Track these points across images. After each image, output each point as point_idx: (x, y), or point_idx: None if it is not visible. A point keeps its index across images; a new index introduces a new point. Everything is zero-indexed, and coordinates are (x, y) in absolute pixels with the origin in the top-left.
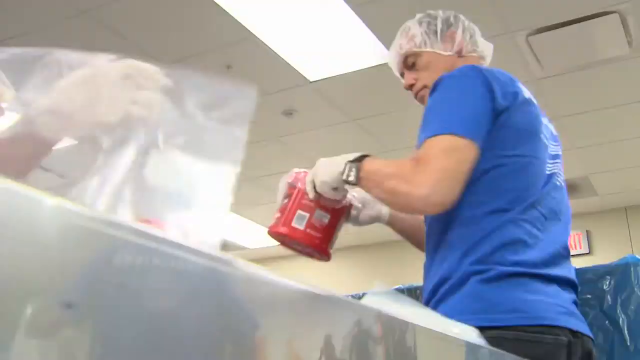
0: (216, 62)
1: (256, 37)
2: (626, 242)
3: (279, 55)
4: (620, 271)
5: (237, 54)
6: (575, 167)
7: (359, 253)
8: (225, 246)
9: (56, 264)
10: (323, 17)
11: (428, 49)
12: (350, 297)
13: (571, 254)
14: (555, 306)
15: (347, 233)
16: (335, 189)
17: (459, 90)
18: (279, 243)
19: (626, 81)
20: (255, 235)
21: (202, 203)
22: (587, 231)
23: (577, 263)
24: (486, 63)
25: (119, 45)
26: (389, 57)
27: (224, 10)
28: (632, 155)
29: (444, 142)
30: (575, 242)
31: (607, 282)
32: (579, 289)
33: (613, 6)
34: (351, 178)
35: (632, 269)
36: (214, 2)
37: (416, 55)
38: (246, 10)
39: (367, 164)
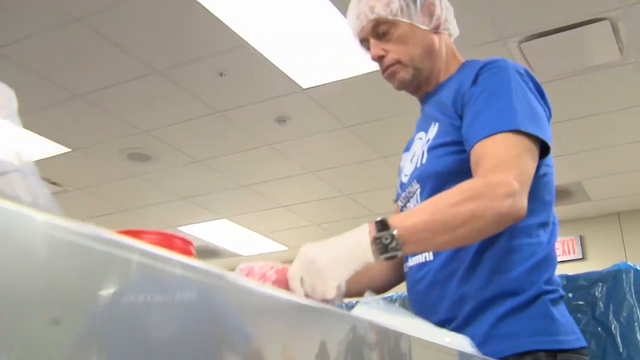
0: (209, 70)
1: (249, 44)
2: (619, 247)
3: (272, 63)
4: (612, 278)
5: (230, 62)
6: (568, 172)
7: None
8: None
9: (45, 279)
10: (316, 24)
11: (405, 20)
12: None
13: (565, 259)
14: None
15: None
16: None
17: (527, 87)
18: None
19: (618, 87)
20: (249, 242)
21: None
22: (580, 236)
23: (570, 268)
24: (452, 38)
25: (112, 52)
26: (350, 16)
27: (217, 18)
28: (625, 161)
29: (525, 142)
30: (569, 247)
31: (599, 289)
32: (571, 295)
33: (604, 13)
34: (393, 245)
35: (623, 275)
36: (207, 9)
37: (391, 24)
38: (239, 18)
39: (402, 221)
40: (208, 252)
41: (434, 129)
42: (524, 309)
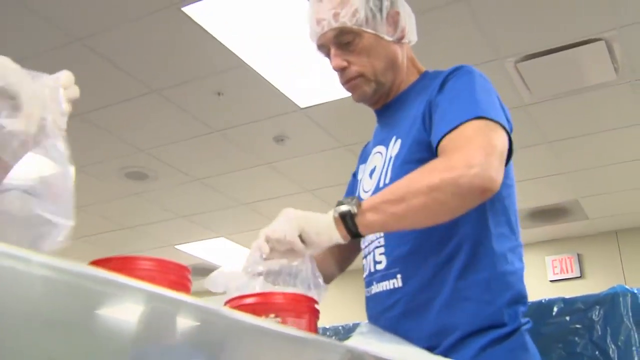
0: (207, 89)
1: (247, 64)
2: (617, 266)
3: (270, 83)
4: (609, 301)
5: (228, 81)
6: (566, 190)
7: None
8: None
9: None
10: (313, 44)
11: (370, 30)
12: (340, 327)
13: (563, 277)
14: None
15: None
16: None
17: (492, 91)
18: None
19: (613, 106)
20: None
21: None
22: (578, 255)
23: (569, 286)
24: (411, 44)
25: (111, 71)
26: (310, 18)
27: (215, 38)
28: (622, 179)
29: (489, 124)
30: (567, 265)
31: (597, 312)
32: (569, 318)
33: (599, 34)
34: (349, 207)
35: (621, 298)
36: (205, 30)
37: (355, 34)
38: (237, 38)
39: (366, 200)
40: (206, 271)
41: (395, 145)
42: (504, 340)
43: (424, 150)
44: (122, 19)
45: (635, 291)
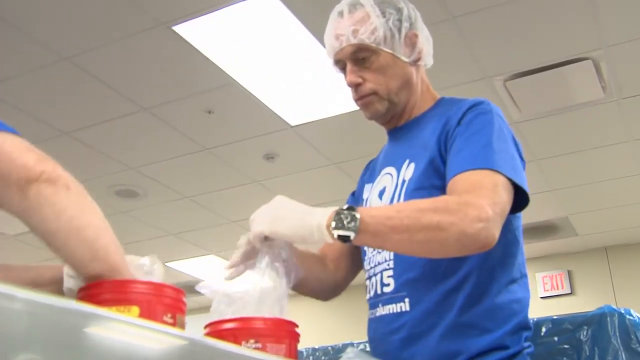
0: (198, 107)
1: (237, 82)
2: (607, 282)
3: (260, 101)
4: (596, 321)
5: (219, 99)
6: (555, 207)
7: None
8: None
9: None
10: (303, 62)
11: (387, 49)
12: (330, 347)
13: (554, 294)
14: None
15: None
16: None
17: (508, 134)
18: None
19: (601, 124)
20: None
21: None
22: (568, 271)
23: (559, 303)
24: (427, 67)
25: (101, 90)
26: (329, 33)
27: (205, 56)
28: (610, 196)
29: (502, 179)
30: (557, 282)
31: (585, 332)
32: (557, 338)
33: (586, 53)
34: (350, 226)
35: (608, 319)
36: (195, 48)
37: (372, 52)
38: (227, 56)
39: (367, 211)
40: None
41: (409, 169)
42: None
43: (437, 178)
44: (111, 38)
45: (623, 311)
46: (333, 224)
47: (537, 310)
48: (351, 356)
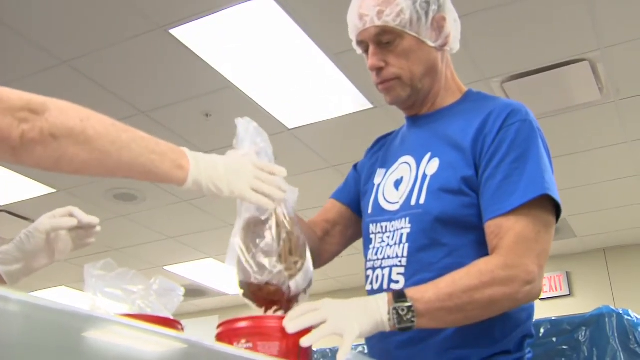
0: (195, 111)
1: (234, 85)
2: (606, 283)
3: (257, 104)
4: (595, 322)
5: (216, 103)
6: None
7: (338, 298)
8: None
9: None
10: (301, 65)
11: (413, 33)
12: (328, 350)
13: (552, 295)
14: None
15: (327, 277)
16: None
17: (545, 150)
18: None
19: (599, 125)
20: (236, 281)
21: None
22: (567, 273)
23: (558, 304)
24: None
25: (98, 93)
26: (353, 12)
27: (202, 59)
28: (608, 198)
29: (545, 217)
30: (556, 283)
31: (583, 333)
32: (555, 339)
33: (583, 54)
34: (408, 317)
35: (606, 319)
36: (192, 51)
37: (397, 35)
38: (224, 59)
39: (417, 294)
40: (194, 292)
41: (432, 164)
42: None
43: (465, 185)
44: (109, 41)
45: (621, 312)
46: (394, 320)
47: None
48: (350, 358)
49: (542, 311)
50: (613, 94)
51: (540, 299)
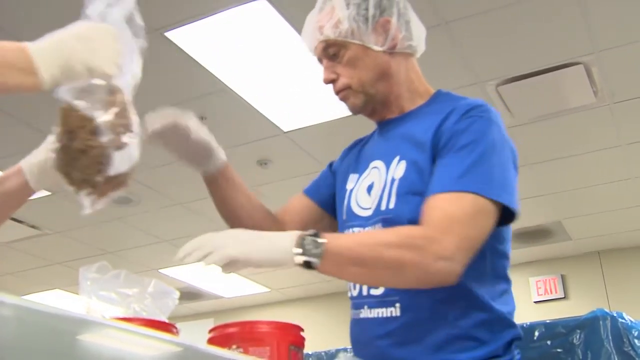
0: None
1: (230, 88)
2: (601, 286)
3: (253, 107)
4: (589, 325)
5: (212, 105)
6: (548, 212)
7: (333, 301)
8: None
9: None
10: (296, 68)
11: (356, 41)
12: (323, 353)
13: (547, 298)
14: None
15: (322, 280)
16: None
17: (505, 144)
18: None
19: (594, 129)
20: (231, 284)
21: None
22: (562, 275)
23: (553, 307)
24: (418, 55)
25: None
26: (304, 33)
27: (198, 62)
28: (603, 201)
29: (483, 206)
30: (551, 286)
31: (577, 336)
32: (550, 342)
33: (578, 58)
34: (314, 252)
35: (601, 322)
36: (188, 54)
37: (340, 45)
38: (220, 62)
39: (331, 237)
40: (189, 295)
41: (399, 167)
42: None
43: (427, 182)
44: None
45: (615, 314)
46: (299, 250)
47: (530, 314)
48: None
49: (537, 314)
50: (608, 97)
51: (534, 302)
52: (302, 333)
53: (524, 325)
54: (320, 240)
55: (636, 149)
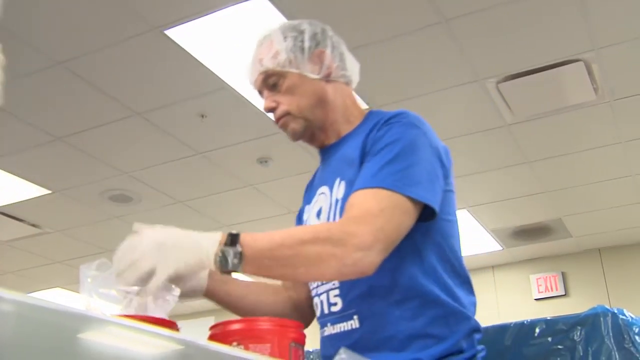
0: (190, 111)
1: (230, 86)
2: (601, 283)
3: (252, 104)
4: (590, 322)
5: (211, 103)
6: (548, 209)
7: None
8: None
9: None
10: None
11: (293, 70)
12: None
13: (548, 296)
14: None
15: None
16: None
17: (425, 143)
18: None
19: (594, 126)
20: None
21: None
22: (562, 273)
23: (554, 305)
24: (353, 86)
25: (93, 95)
26: (246, 68)
27: (198, 60)
28: (603, 198)
29: (400, 202)
30: (552, 283)
31: (578, 333)
32: (550, 339)
33: (578, 55)
34: (234, 262)
35: (601, 319)
36: (188, 52)
37: (279, 75)
38: (220, 60)
39: (250, 240)
40: None
41: (340, 187)
42: None
43: None
44: (104, 42)
45: (616, 311)
46: (218, 262)
47: (531, 312)
48: (344, 357)
49: (538, 311)
50: (608, 94)
51: (535, 299)
52: (302, 330)
53: (525, 322)
54: (239, 250)
55: (636, 146)
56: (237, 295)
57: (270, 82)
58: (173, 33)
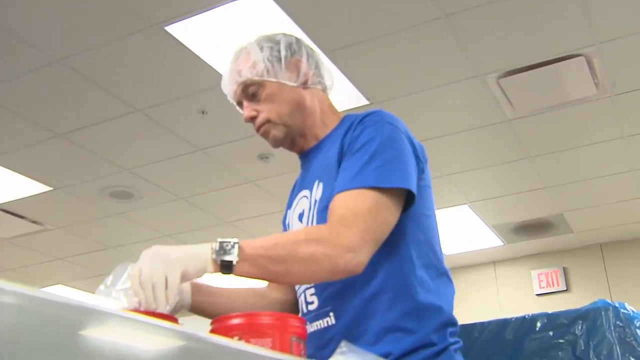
0: (191, 108)
1: None
2: (603, 278)
3: None
4: (591, 316)
5: (212, 100)
6: (550, 204)
7: None
8: None
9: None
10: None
11: (272, 79)
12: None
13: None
14: None
15: None
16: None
17: (398, 136)
18: None
19: (595, 121)
20: (231, 280)
21: None
22: (564, 268)
23: (555, 300)
24: (330, 92)
25: (94, 91)
26: (223, 81)
27: (198, 56)
28: (604, 193)
29: (382, 199)
30: (553, 279)
31: (579, 327)
32: (552, 333)
33: (579, 49)
34: (231, 257)
35: (602, 313)
36: (188, 48)
37: (258, 85)
38: (220, 56)
39: (244, 241)
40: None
41: (319, 189)
42: (434, 358)
43: None
44: (104, 39)
45: (617, 305)
46: (216, 252)
47: (532, 307)
48: (345, 350)
49: (539, 306)
50: (609, 89)
51: (536, 294)
52: (304, 325)
53: (526, 316)
54: (236, 241)
55: (638, 141)
56: (224, 303)
57: (249, 91)
58: (173, 29)
